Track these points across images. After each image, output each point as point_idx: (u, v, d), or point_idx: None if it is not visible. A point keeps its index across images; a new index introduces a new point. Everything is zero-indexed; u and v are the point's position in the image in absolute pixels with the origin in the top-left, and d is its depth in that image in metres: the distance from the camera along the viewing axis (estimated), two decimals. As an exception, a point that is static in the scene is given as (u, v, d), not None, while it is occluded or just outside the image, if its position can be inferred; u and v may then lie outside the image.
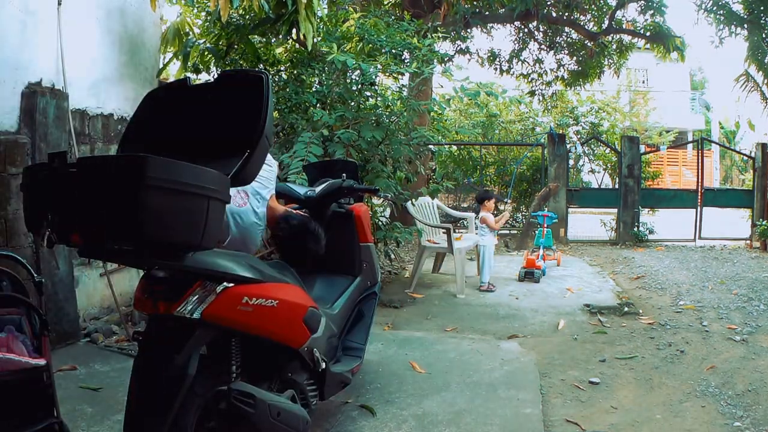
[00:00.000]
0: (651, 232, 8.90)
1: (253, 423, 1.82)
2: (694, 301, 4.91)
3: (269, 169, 2.68)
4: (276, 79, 5.81)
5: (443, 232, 5.60)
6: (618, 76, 11.60)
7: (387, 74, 5.12)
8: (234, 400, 1.78)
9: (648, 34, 9.67)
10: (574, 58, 10.62)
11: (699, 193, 9.12)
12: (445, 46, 9.70)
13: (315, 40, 4.88)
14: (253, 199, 2.57)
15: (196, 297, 1.71)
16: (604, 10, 9.82)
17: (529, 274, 5.90)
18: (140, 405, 1.70)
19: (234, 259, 1.89)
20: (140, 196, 1.36)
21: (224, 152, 1.77)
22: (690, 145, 18.22)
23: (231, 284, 1.79)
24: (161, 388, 1.68)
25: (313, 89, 5.38)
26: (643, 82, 22.09)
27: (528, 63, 11.00)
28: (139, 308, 1.82)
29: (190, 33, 6.26)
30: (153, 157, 1.39)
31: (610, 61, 10.63)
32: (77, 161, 1.46)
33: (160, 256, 1.61)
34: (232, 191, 1.86)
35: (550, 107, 12.41)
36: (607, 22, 9.79)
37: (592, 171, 11.97)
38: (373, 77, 4.91)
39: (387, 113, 5.17)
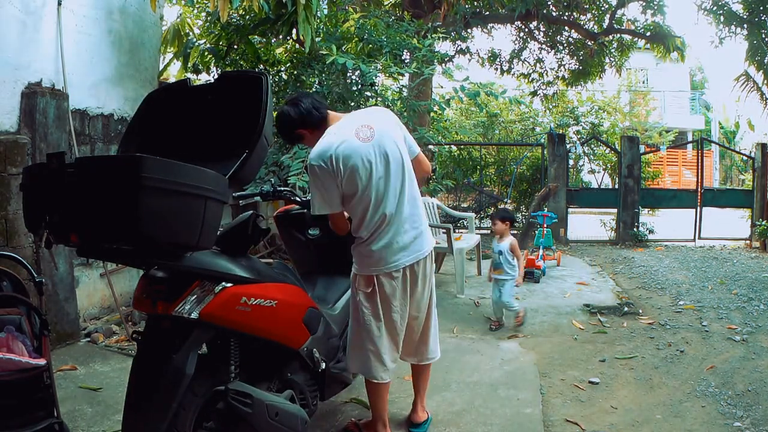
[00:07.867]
0: (651, 232, 8.90)
1: (250, 423, 1.82)
2: (694, 301, 4.92)
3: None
4: (276, 80, 5.80)
5: (443, 232, 5.60)
6: (620, 75, 11.58)
7: (387, 75, 5.11)
8: (231, 400, 1.78)
9: (648, 33, 9.67)
10: (575, 57, 10.62)
11: (699, 193, 9.12)
12: (445, 46, 9.68)
13: (315, 40, 4.87)
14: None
15: (194, 297, 1.71)
16: (604, 9, 9.81)
17: (529, 274, 5.89)
18: (138, 405, 1.70)
19: (232, 259, 1.89)
20: (136, 196, 1.37)
21: (224, 153, 1.77)
22: (690, 145, 18.19)
23: (230, 284, 1.79)
24: (159, 388, 1.68)
25: (313, 90, 5.38)
26: (643, 82, 22.05)
27: (528, 63, 10.99)
28: (139, 308, 1.82)
29: (190, 33, 6.26)
30: (148, 157, 1.39)
31: (611, 59, 10.63)
32: (75, 161, 1.46)
33: (159, 255, 1.60)
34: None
35: (551, 107, 12.40)
36: (607, 21, 9.79)
37: (592, 171, 11.96)
38: (373, 78, 4.90)
39: (387, 113, 5.15)
